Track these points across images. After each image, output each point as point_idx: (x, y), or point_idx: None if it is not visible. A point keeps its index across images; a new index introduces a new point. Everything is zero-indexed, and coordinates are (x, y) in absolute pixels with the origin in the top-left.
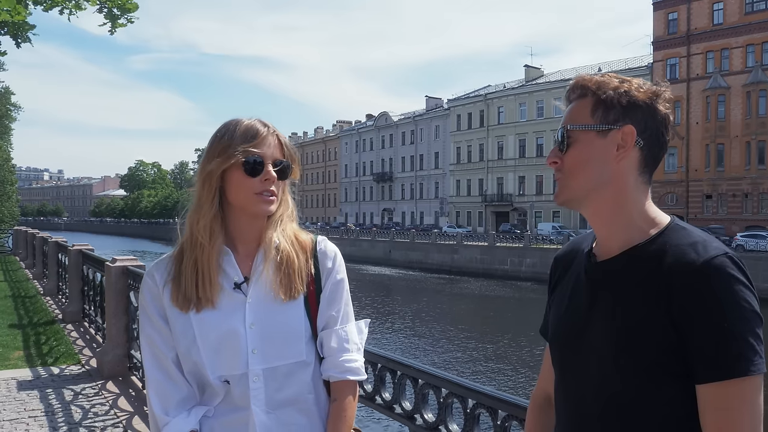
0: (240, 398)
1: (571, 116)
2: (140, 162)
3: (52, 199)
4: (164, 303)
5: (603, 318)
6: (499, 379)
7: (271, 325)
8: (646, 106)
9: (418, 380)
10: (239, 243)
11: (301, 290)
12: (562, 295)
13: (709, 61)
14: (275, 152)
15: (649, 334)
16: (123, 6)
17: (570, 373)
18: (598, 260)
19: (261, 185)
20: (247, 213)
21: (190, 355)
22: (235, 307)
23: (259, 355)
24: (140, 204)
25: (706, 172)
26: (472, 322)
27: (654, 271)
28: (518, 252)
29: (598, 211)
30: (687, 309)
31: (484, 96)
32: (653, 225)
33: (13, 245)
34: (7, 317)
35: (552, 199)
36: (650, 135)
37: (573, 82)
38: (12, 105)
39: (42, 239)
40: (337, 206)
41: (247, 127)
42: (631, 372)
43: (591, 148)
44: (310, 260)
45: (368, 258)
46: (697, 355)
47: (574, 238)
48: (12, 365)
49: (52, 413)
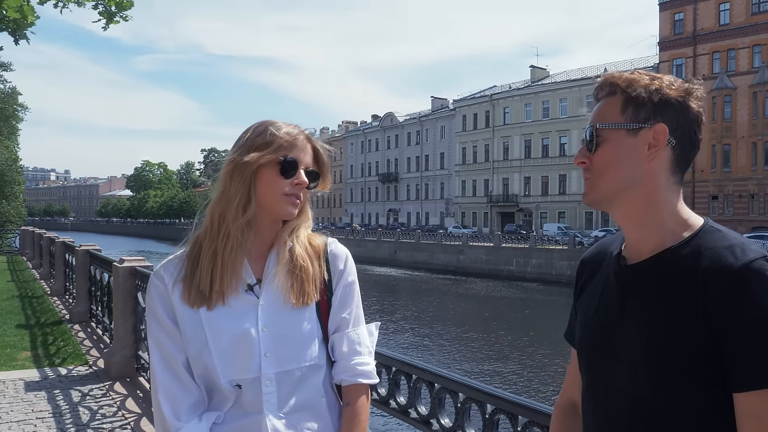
0: (252, 403)
1: (599, 114)
2: (146, 162)
3: (59, 199)
4: (174, 303)
5: (634, 323)
6: (510, 381)
7: (283, 329)
8: (678, 104)
9: (434, 384)
10: (254, 244)
11: (314, 297)
12: (591, 298)
13: (716, 62)
14: (309, 159)
15: (683, 340)
16: (119, 3)
17: (598, 379)
18: (628, 263)
19: (291, 187)
20: (271, 213)
21: (201, 358)
22: (247, 309)
23: (271, 359)
24: (146, 204)
25: (712, 172)
26: (480, 324)
27: (688, 274)
28: (524, 252)
29: (628, 213)
30: (725, 314)
31: (490, 96)
32: (686, 227)
33: (20, 245)
34: (15, 317)
35: (557, 200)
36: (682, 134)
37: (601, 79)
38: (19, 105)
39: (49, 239)
40: (343, 207)
41: (288, 130)
42: (662, 379)
43: (621, 147)
44: (322, 264)
45: (374, 258)
46: (735, 362)
47: (602, 240)
48: (19, 366)
49: (59, 414)
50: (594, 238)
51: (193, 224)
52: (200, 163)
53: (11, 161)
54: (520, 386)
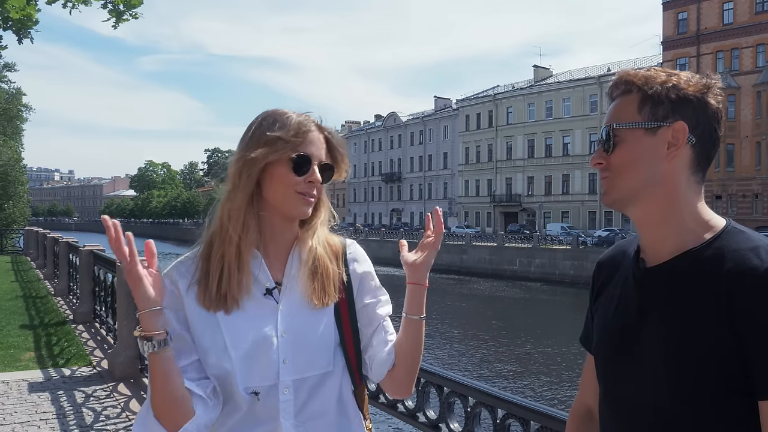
0: (268, 411)
1: (615, 114)
2: (150, 162)
3: (63, 199)
4: (187, 306)
5: (654, 328)
6: (518, 384)
7: (302, 334)
8: (697, 101)
9: (444, 388)
10: (270, 245)
11: (334, 297)
12: (608, 302)
13: (719, 61)
14: (322, 153)
15: (705, 344)
16: (128, 2)
17: (617, 386)
18: (647, 265)
19: (304, 185)
20: (283, 213)
21: (221, 364)
22: (266, 314)
23: (290, 366)
24: (150, 204)
25: (716, 172)
26: (485, 324)
27: (711, 277)
28: (527, 252)
29: (647, 213)
30: (750, 318)
31: (493, 96)
32: (707, 228)
33: (24, 245)
34: (19, 318)
35: (561, 200)
36: (702, 131)
37: (616, 77)
38: (23, 106)
39: (53, 239)
40: (346, 206)
41: (300, 122)
42: (683, 386)
43: (639, 147)
44: (341, 266)
45: (377, 258)
46: (761, 368)
47: (619, 242)
48: (23, 366)
49: (63, 416)
50: (597, 238)
51: (204, 223)
52: (204, 164)
53: (15, 161)
54: (528, 388)
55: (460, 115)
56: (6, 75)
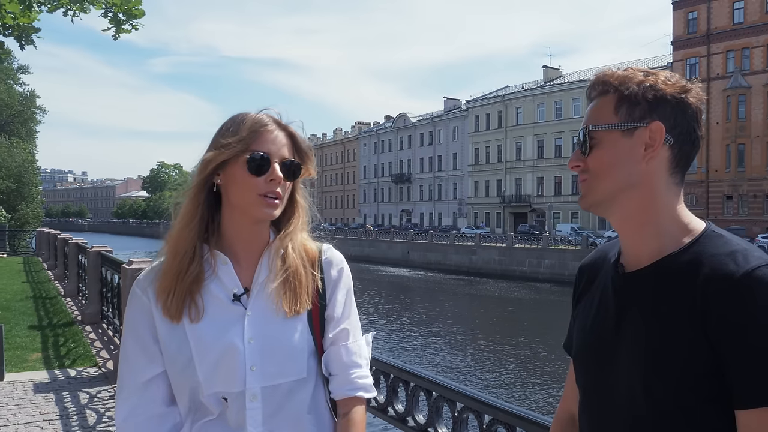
0: (235, 418)
1: (592, 115)
2: (162, 164)
3: (76, 200)
4: (155, 317)
5: (631, 335)
6: (520, 391)
7: (271, 341)
8: (675, 101)
9: (432, 392)
10: (240, 250)
11: (306, 305)
12: (588, 308)
13: (730, 61)
14: (284, 150)
15: (682, 354)
16: (129, 11)
17: (594, 393)
18: (626, 271)
19: (265, 186)
20: (249, 216)
21: (186, 373)
22: (232, 320)
23: (258, 373)
24: (162, 205)
25: (726, 172)
26: (492, 326)
27: (688, 283)
28: (537, 253)
29: (625, 217)
30: (726, 326)
31: (503, 97)
32: (686, 232)
33: (36, 246)
34: (28, 318)
35: (570, 200)
36: (681, 132)
37: (594, 78)
38: (37, 108)
39: (63, 240)
40: (356, 207)
41: (254, 121)
42: (660, 396)
43: (616, 149)
44: (316, 272)
45: (386, 259)
46: (737, 377)
47: (601, 245)
48: (30, 367)
49: (66, 417)
50: (607, 239)
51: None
52: None
53: (29, 163)
54: (531, 396)
55: (470, 115)
56: (20, 77)
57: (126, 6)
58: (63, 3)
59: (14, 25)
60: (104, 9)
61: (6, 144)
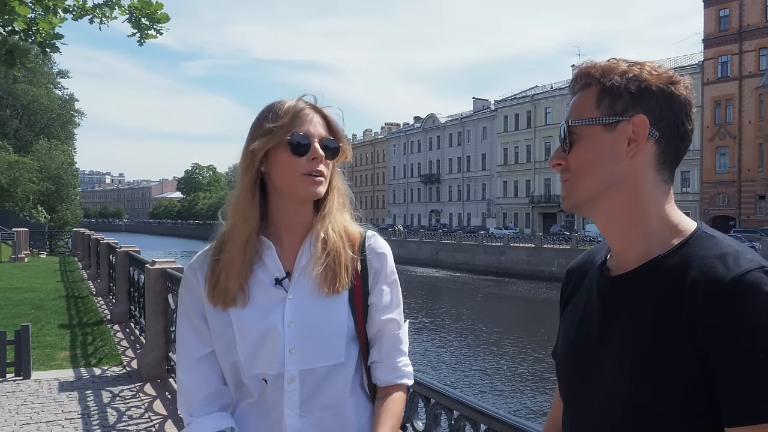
0: (274, 400)
1: (574, 110)
2: (196, 165)
3: (114, 201)
4: (204, 299)
5: (616, 343)
6: (529, 398)
7: (311, 323)
8: (660, 92)
9: (430, 399)
10: (284, 233)
11: (346, 284)
12: (573, 315)
13: (762, 58)
14: (321, 130)
15: (668, 364)
16: (152, 16)
17: (577, 404)
18: (612, 275)
19: (308, 165)
20: (295, 197)
21: (228, 354)
22: (274, 304)
23: (297, 356)
24: (196, 206)
25: (759, 171)
26: (516, 328)
27: (675, 288)
28: (565, 254)
29: (611, 218)
30: (713, 335)
31: (531, 97)
32: (676, 233)
33: (73, 246)
34: (59, 317)
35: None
36: (667, 125)
37: (576, 70)
38: (75, 111)
39: (96, 240)
40: (386, 208)
41: (291, 106)
42: (644, 409)
43: (597, 144)
44: (357, 255)
45: (415, 259)
46: (726, 392)
47: (590, 248)
48: (57, 365)
49: (88, 415)
50: None
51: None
52: None
53: (68, 165)
54: (540, 404)
55: (499, 116)
56: (59, 81)
57: (148, 10)
58: (88, 10)
59: (34, 31)
60: (128, 14)
61: (46, 146)
